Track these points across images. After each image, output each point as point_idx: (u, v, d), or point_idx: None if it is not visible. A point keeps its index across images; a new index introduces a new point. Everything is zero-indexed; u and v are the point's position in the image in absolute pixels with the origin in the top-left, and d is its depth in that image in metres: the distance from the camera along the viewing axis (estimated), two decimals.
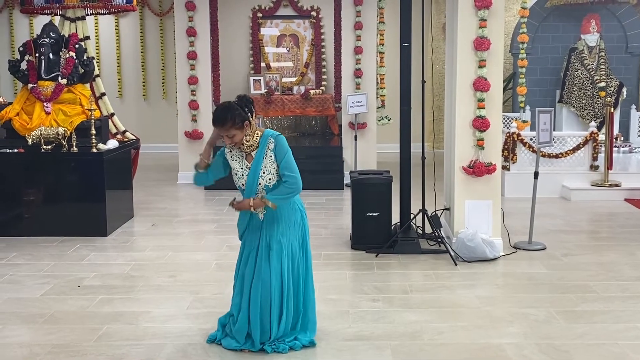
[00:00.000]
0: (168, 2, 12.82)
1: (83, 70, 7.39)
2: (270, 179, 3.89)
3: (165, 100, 13.35)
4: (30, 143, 6.76)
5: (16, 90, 12.67)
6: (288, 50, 11.71)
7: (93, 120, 6.88)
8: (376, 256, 6.01)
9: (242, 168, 3.93)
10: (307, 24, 11.71)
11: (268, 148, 3.87)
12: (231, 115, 3.78)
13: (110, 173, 6.96)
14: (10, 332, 4.32)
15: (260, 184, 3.88)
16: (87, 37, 8.25)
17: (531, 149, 8.77)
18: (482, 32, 5.83)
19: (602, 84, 10.46)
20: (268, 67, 11.38)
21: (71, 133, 6.94)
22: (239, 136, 3.84)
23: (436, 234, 6.19)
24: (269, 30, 11.73)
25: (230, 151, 3.99)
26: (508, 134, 8.81)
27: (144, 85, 13.35)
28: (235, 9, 11.56)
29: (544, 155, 8.67)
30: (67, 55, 7.19)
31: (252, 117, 3.86)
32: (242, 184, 3.94)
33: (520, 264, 5.83)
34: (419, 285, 5.26)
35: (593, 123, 9.28)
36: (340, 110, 10.43)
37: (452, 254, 5.88)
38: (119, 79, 13.30)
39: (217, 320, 4.22)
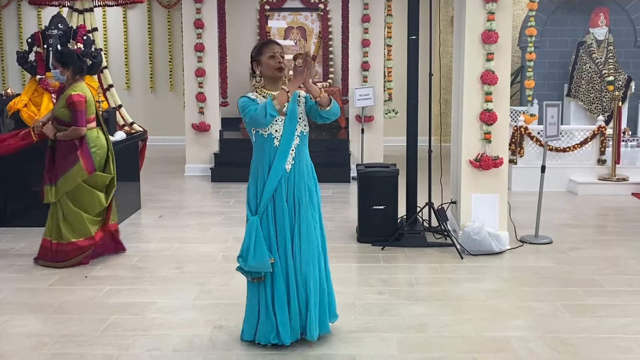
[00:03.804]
0: None
1: (91, 62, 7.40)
2: (305, 126, 3.85)
3: (172, 92, 13.37)
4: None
5: (24, 81, 12.72)
6: (295, 43, 11.72)
7: (101, 112, 6.89)
8: (382, 249, 6.02)
9: None
10: (315, 17, 11.71)
11: (299, 96, 3.83)
12: None
13: (118, 165, 6.96)
14: (18, 322, 4.35)
15: (297, 129, 3.80)
16: (95, 29, 8.27)
17: (538, 143, 8.75)
18: (490, 25, 5.81)
19: (611, 78, 10.41)
20: None
21: None
22: (286, 62, 3.80)
23: (442, 227, 6.19)
24: (277, 23, 11.74)
25: (257, 97, 3.78)
26: (515, 128, 8.79)
27: (151, 78, 13.37)
28: (243, 2, 11.57)
29: (551, 149, 8.65)
30: (75, 47, 7.20)
31: None
32: (276, 130, 3.75)
33: (527, 258, 5.83)
34: (424, 278, 5.27)
35: (601, 117, 9.24)
36: (347, 103, 10.42)
37: (458, 247, 5.88)
38: (126, 71, 13.33)
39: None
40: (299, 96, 3.85)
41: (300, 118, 3.81)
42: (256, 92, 3.83)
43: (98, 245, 5.69)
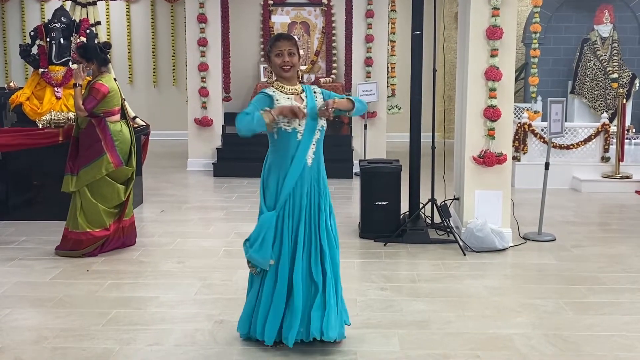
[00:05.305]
0: None
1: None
2: (324, 120, 3.80)
3: (175, 86, 13.35)
4: (40, 127, 6.77)
5: (27, 74, 12.70)
6: (299, 38, 11.68)
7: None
8: (384, 245, 6.01)
9: None
10: (318, 12, 11.67)
11: (314, 92, 3.81)
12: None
13: None
14: (19, 316, 4.34)
15: (318, 123, 3.75)
16: (98, 23, 8.27)
17: (542, 140, 8.72)
18: (494, 21, 5.78)
19: (615, 75, 10.37)
20: None
21: None
22: (296, 59, 3.75)
23: (445, 223, 6.17)
24: (280, 18, 11.69)
25: (274, 92, 3.74)
26: (519, 125, 8.77)
27: (154, 72, 13.36)
28: None
29: (555, 146, 8.62)
30: (78, 41, 7.19)
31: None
32: (299, 124, 3.68)
33: (530, 255, 5.81)
34: (427, 275, 5.25)
35: (605, 114, 9.21)
36: None
37: (461, 244, 5.86)
38: (129, 65, 13.31)
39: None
40: (314, 92, 3.82)
41: None
42: (272, 86, 3.80)
43: (111, 239, 5.73)
